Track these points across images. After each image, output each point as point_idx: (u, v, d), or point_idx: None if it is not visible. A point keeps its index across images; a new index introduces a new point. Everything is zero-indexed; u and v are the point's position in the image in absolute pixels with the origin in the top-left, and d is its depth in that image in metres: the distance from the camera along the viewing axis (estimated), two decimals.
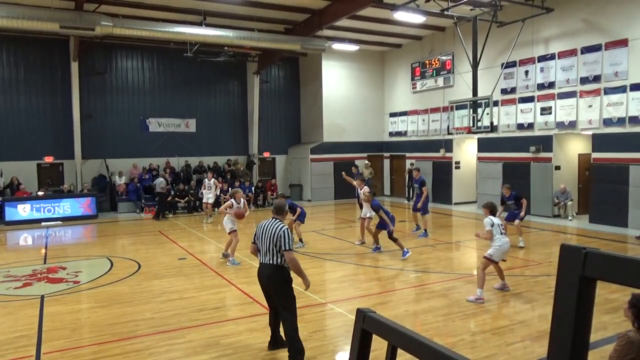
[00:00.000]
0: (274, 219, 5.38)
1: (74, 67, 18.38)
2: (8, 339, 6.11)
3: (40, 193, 17.92)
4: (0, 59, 18.47)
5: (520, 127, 16.57)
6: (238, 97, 22.92)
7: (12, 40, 18.33)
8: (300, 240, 11.73)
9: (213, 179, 17.07)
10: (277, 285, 5.27)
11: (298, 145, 23.75)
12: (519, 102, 16.57)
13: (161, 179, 17.82)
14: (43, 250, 11.98)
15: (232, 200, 10.26)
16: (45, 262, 10.66)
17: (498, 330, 6.15)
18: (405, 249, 10.22)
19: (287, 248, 5.13)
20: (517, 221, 11.19)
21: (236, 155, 22.64)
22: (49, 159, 19.16)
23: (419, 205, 13.02)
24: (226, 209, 10.18)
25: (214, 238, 13.34)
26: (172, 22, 16.75)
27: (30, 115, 18.80)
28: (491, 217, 7.70)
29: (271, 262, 5.21)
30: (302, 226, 11.95)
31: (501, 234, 7.60)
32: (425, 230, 13.03)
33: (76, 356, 5.58)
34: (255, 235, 5.49)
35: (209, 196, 16.83)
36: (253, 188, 20.46)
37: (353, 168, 17.74)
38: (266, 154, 23.33)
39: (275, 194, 21.00)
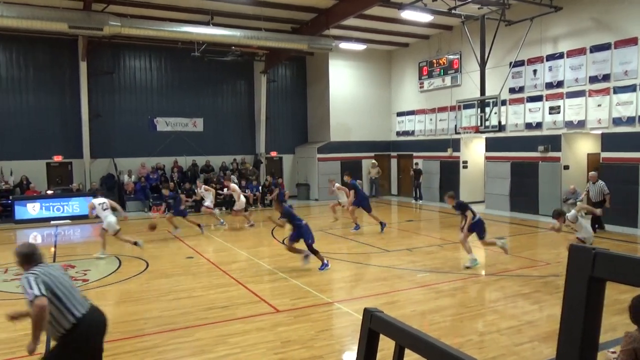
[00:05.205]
0: (43, 265, 3.97)
1: (83, 66, 18.50)
2: (18, 336, 6.16)
3: (49, 192, 18.07)
4: (10, 59, 18.65)
5: (528, 126, 16.47)
6: (245, 96, 22.97)
7: (22, 41, 18.48)
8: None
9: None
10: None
11: (305, 145, 23.76)
12: (527, 101, 16.47)
13: (233, 177, 19.35)
14: (52, 249, 12.07)
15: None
16: (54, 261, 10.73)
17: (506, 330, 6.13)
18: (326, 261, 9.37)
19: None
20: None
21: (243, 155, 22.69)
22: (58, 158, 19.30)
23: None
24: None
25: (221, 237, 13.39)
26: (179, 22, 16.82)
27: (39, 115, 18.95)
28: None
29: (92, 304, 3.98)
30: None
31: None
32: None
33: None
34: (45, 286, 3.78)
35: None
36: (260, 187, 20.50)
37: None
38: (273, 154, 23.36)
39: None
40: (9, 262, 10.52)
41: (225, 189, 15.68)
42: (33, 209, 16.86)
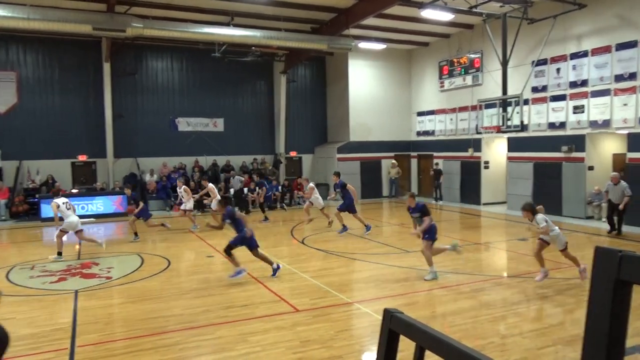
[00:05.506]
0: None
1: (106, 67, 18.84)
2: (44, 331, 6.32)
3: (74, 191, 18.44)
4: (36, 61, 19.10)
5: (551, 126, 16.20)
6: (265, 96, 23.10)
7: (48, 42, 18.91)
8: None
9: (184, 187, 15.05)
10: None
11: (325, 145, 23.78)
12: (551, 100, 16.19)
13: (237, 178, 18.94)
14: (77, 247, 12.31)
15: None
16: (79, 258, 10.96)
17: (529, 333, 6.04)
18: (240, 268, 8.63)
19: None
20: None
21: (263, 155, 22.82)
22: (82, 158, 19.70)
23: None
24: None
25: None
26: (200, 23, 17.00)
27: (64, 115, 19.37)
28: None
29: None
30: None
31: None
32: None
33: (109, 350, 5.72)
34: None
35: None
36: (280, 187, 20.58)
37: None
38: (293, 153, 23.43)
39: (301, 192, 21.11)
40: (36, 259, 10.79)
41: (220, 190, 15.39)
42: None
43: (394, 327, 1.82)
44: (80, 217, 16.87)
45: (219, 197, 14.92)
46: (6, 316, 7.03)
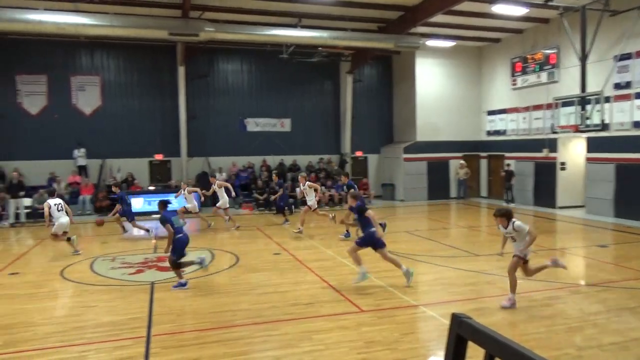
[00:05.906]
0: None
1: (181, 71, 19.74)
2: (123, 320, 6.73)
3: (151, 188, 19.51)
4: (117, 66, 20.38)
5: (636, 125, 15.07)
6: (331, 96, 23.24)
7: (127, 48, 20.12)
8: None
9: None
10: None
11: (391, 145, 23.55)
12: (636, 97, 15.05)
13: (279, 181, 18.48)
14: (154, 241, 12.95)
15: None
16: (155, 252, 11.56)
17: (608, 346, 5.66)
18: (184, 281, 8.29)
19: None
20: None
21: (329, 154, 22.97)
22: (159, 157, 20.78)
23: None
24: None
25: (307, 235, 13.64)
26: (269, 25, 17.41)
27: (142, 117, 20.53)
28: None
29: None
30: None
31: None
32: None
33: (180, 340, 6.00)
34: None
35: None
36: (345, 187, 20.61)
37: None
38: (358, 153, 23.40)
39: (367, 193, 21.06)
40: (116, 251, 11.51)
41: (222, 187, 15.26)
42: (137, 204, 18.25)
43: (462, 332, 1.78)
44: (157, 213, 17.94)
45: (225, 196, 14.83)
46: (90, 304, 7.59)
